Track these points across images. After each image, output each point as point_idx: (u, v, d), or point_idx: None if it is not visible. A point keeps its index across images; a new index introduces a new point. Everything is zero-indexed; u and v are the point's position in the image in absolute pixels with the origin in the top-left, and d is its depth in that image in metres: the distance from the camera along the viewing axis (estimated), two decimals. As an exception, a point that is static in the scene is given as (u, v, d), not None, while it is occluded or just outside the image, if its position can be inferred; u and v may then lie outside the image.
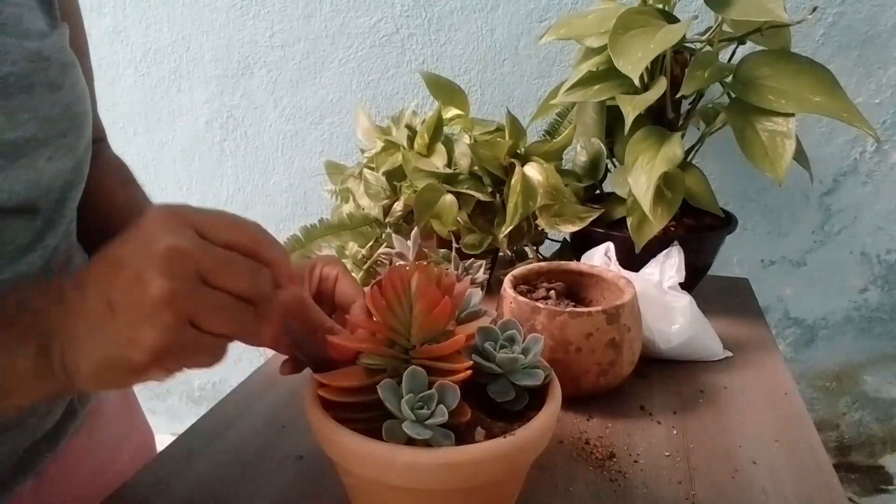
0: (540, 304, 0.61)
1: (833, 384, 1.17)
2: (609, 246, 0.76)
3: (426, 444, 0.40)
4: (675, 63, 0.79)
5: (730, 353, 0.74)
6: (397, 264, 0.73)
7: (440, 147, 0.87)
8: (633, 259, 0.76)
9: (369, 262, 0.90)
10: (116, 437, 0.64)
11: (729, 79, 0.76)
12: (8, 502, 0.51)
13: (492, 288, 0.88)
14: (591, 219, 0.82)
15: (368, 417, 0.42)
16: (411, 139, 0.89)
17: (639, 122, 0.76)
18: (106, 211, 0.58)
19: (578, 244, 0.87)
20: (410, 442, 0.40)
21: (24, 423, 0.51)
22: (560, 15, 1.06)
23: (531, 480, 0.52)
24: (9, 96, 0.41)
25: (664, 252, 0.75)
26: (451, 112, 0.94)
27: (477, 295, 0.52)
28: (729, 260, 1.13)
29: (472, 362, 0.44)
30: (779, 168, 0.71)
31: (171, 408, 1.57)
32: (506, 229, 0.82)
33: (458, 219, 0.85)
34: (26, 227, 0.45)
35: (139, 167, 1.07)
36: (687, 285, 0.74)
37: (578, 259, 0.77)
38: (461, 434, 0.43)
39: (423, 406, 0.41)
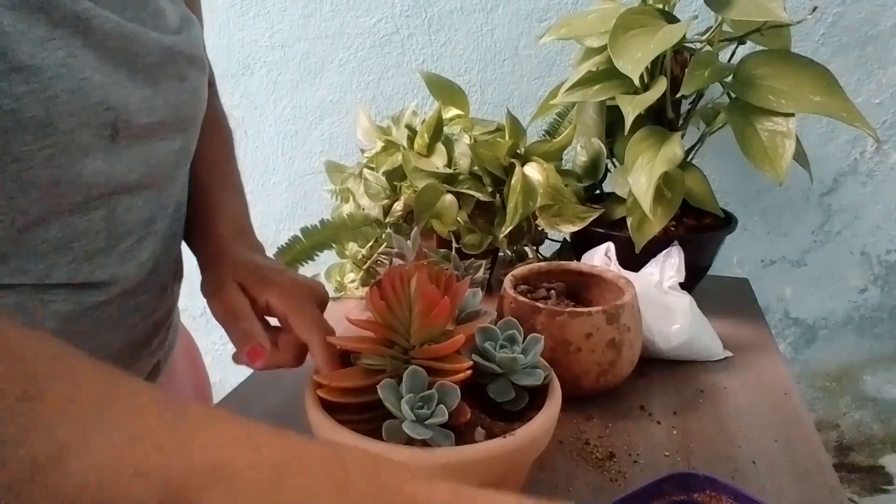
0: (540, 304, 0.61)
1: (833, 384, 1.17)
2: (609, 246, 0.76)
3: (425, 443, 0.40)
4: (675, 63, 0.79)
5: (730, 353, 0.74)
6: (397, 264, 0.73)
7: (440, 147, 0.87)
8: (633, 259, 0.76)
9: (369, 262, 0.90)
10: (184, 391, 0.67)
11: (729, 79, 0.76)
12: None
13: (492, 288, 0.88)
14: (591, 219, 0.82)
15: (368, 417, 0.42)
16: (411, 139, 0.89)
17: (639, 122, 0.76)
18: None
19: (578, 244, 0.87)
20: (410, 442, 0.40)
21: None
22: (560, 15, 1.06)
23: (531, 480, 0.52)
24: (151, 85, 0.44)
25: (664, 252, 0.75)
26: (451, 112, 0.94)
27: (477, 295, 0.52)
28: (729, 260, 1.13)
29: (472, 362, 0.44)
30: (779, 168, 0.71)
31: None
32: (506, 229, 0.82)
33: (458, 219, 0.85)
34: (143, 206, 0.47)
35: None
36: (687, 285, 0.74)
37: (578, 259, 0.77)
38: (461, 434, 0.43)
39: (423, 406, 0.41)
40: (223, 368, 1.44)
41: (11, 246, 0.39)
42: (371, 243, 0.90)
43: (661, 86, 0.75)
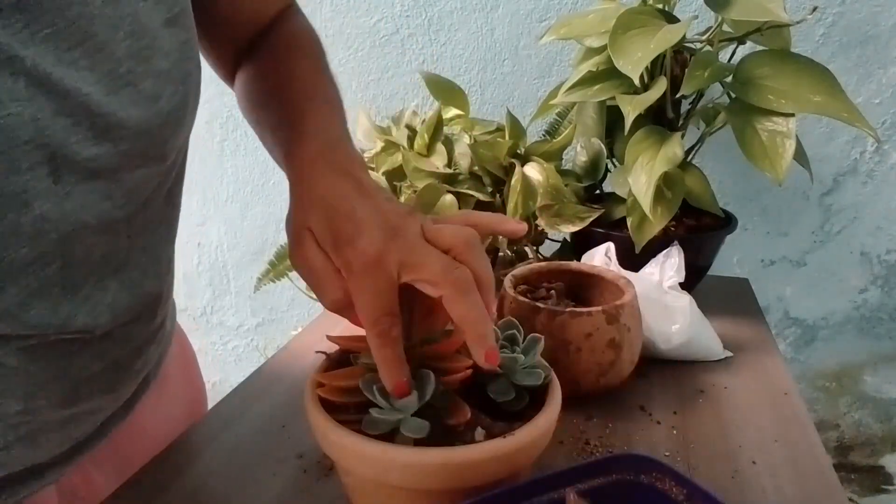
0: (540, 304, 0.61)
1: (833, 384, 1.17)
2: (609, 246, 0.76)
3: (426, 444, 0.40)
4: (675, 63, 0.79)
5: (730, 353, 0.74)
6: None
7: (440, 147, 0.87)
8: (633, 259, 0.75)
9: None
10: (175, 394, 0.65)
11: (729, 79, 0.76)
12: (80, 464, 0.53)
13: (492, 288, 0.88)
14: (591, 219, 0.82)
15: (368, 417, 0.42)
16: (411, 139, 0.89)
17: (639, 122, 0.76)
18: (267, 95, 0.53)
19: (578, 244, 0.87)
20: (418, 443, 0.40)
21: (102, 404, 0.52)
22: (560, 15, 1.06)
23: (531, 480, 0.52)
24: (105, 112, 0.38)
25: (664, 252, 0.75)
26: (451, 112, 0.94)
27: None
28: (729, 260, 1.13)
29: (472, 362, 0.44)
30: (779, 168, 0.71)
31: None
32: (506, 229, 0.82)
33: (458, 219, 0.85)
34: (108, 241, 0.43)
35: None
36: (687, 285, 0.74)
37: (578, 259, 0.77)
38: (461, 434, 0.43)
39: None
40: (223, 368, 1.44)
41: None
42: (371, 243, 0.90)
43: (661, 86, 0.75)
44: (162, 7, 0.40)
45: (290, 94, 0.50)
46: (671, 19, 0.77)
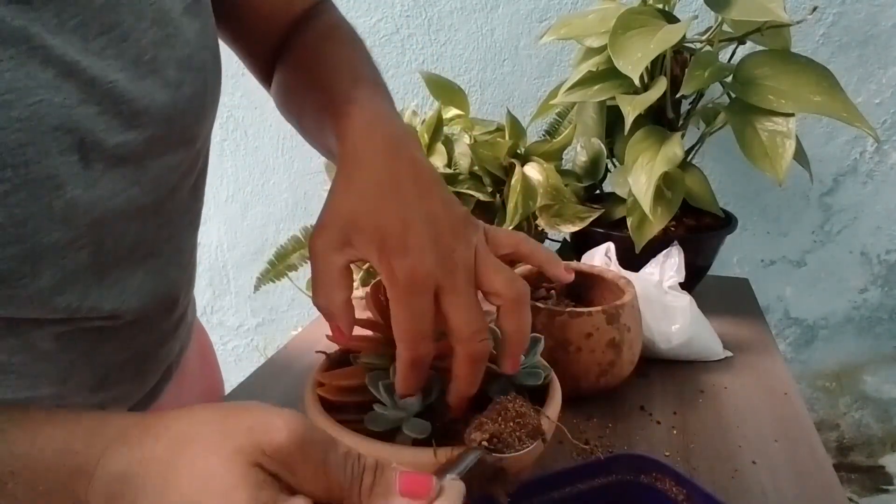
0: (540, 304, 0.61)
1: (833, 384, 1.17)
2: (609, 246, 0.76)
3: (427, 444, 0.40)
4: (675, 63, 0.79)
5: (730, 353, 0.74)
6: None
7: (440, 147, 0.87)
8: (633, 259, 0.75)
9: (369, 263, 0.90)
10: (193, 387, 0.65)
11: (729, 79, 0.76)
12: None
13: (492, 288, 0.88)
14: (591, 219, 0.82)
15: (368, 417, 0.42)
16: (411, 139, 0.89)
17: (639, 122, 0.76)
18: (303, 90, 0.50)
19: (578, 244, 0.87)
20: (416, 443, 0.40)
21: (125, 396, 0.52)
22: (560, 15, 1.06)
23: (531, 480, 0.52)
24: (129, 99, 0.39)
25: (664, 252, 0.75)
26: (451, 112, 0.94)
27: (477, 295, 0.52)
28: (729, 260, 1.13)
29: (471, 362, 0.43)
30: (779, 168, 0.71)
31: (171, 408, 1.57)
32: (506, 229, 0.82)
33: (458, 219, 0.85)
34: (138, 229, 0.43)
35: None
36: (687, 285, 0.74)
37: (578, 259, 0.77)
38: (461, 434, 0.43)
39: None
40: (223, 368, 1.43)
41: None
42: (371, 243, 0.90)
43: (661, 86, 0.75)
44: None
45: (334, 75, 0.47)
46: (671, 19, 0.77)
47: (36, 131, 0.33)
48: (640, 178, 0.74)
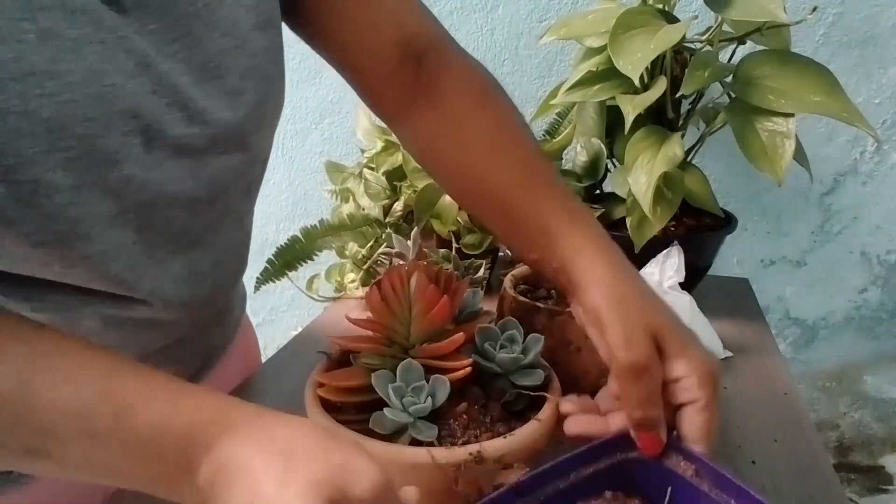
0: (540, 304, 0.61)
1: (833, 384, 1.17)
2: (609, 246, 0.76)
3: (427, 442, 0.40)
4: (675, 63, 0.79)
5: (730, 353, 0.74)
6: (397, 264, 0.73)
7: (440, 147, 0.86)
8: (633, 259, 0.75)
9: (369, 262, 0.90)
10: (233, 384, 0.68)
11: (729, 79, 0.76)
12: None
13: (492, 288, 0.88)
14: (591, 219, 0.81)
15: (368, 417, 0.42)
16: (411, 139, 0.89)
17: (639, 122, 0.76)
18: (497, 210, 0.52)
19: (578, 244, 0.87)
20: (415, 443, 0.40)
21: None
22: (560, 15, 1.06)
23: (531, 480, 0.52)
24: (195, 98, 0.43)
25: (664, 252, 0.75)
26: (451, 112, 0.94)
27: (477, 295, 0.52)
28: (729, 260, 1.13)
29: (472, 360, 0.44)
30: (778, 168, 0.71)
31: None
32: (506, 229, 0.82)
33: (458, 219, 0.85)
34: (189, 218, 0.46)
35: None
36: (687, 285, 0.74)
37: (578, 259, 0.77)
38: (461, 436, 0.43)
39: (413, 396, 0.41)
40: (223, 368, 1.43)
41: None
42: (371, 243, 0.90)
43: (661, 86, 0.75)
44: (253, 13, 0.46)
45: (526, 182, 0.50)
46: (671, 19, 0.77)
47: (105, 110, 0.36)
48: (639, 178, 0.74)
